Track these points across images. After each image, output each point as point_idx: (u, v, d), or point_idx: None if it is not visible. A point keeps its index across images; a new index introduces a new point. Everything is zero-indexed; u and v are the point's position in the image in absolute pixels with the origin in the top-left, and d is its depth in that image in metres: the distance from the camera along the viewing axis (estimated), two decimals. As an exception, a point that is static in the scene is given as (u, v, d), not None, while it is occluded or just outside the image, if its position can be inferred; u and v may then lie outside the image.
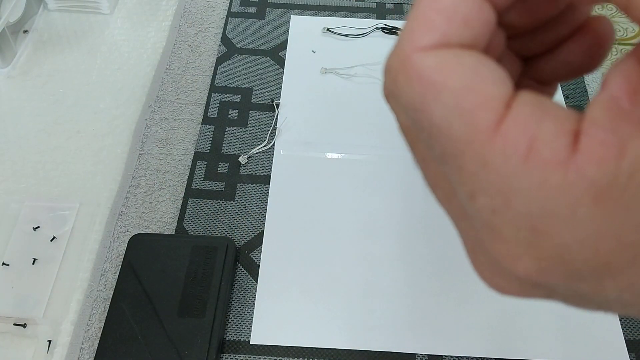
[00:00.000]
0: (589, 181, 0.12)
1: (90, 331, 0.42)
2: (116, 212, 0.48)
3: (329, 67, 0.57)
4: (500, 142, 0.13)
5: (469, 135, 0.13)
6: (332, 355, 0.41)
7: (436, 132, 0.14)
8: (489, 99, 0.13)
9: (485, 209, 0.13)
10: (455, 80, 0.13)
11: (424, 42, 0.14)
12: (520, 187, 0.13)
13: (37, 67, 0.56)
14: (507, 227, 0.13)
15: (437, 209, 0.39)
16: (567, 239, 0.12)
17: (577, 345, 0.41)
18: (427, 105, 0.14)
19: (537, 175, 0.12)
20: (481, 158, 0.13)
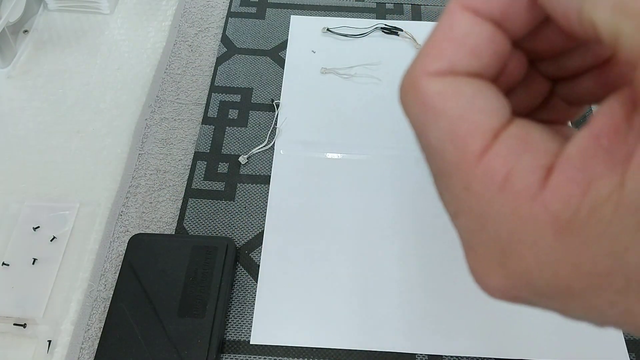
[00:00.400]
0: (551, 215, 0.13)
1: (90, 331, 0.42)
2: (116, 212, 0.48)
3: (329, 67, 0.57)
4: (482, 170, 0.14)
5: (458, 160, 0.14)
6: (332, 355, 0.41)
7: (432, 152, 0.15)
8: (479, 129, 0.14)
9: (464, 228, 0.15)
10: (453, 108, 0.15)
11: (432, 68, 0.15)
12: (493, 213, 0.14)
13: (37, 67, 0.56)
14: (480, 247, 0.15)
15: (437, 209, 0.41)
16: (530, 262, 0.14)
17: (577, 345, 0.41)
18: (427, 127, 0.15)
19: (509, 204, 0.14)
20: (465, 182, 0.14)
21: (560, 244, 0.13)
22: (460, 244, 0.17)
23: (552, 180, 0.13)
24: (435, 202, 0.48)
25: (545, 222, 0.13)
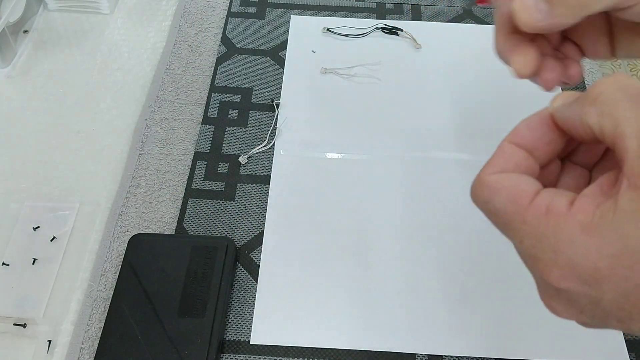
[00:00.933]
0: (579, 221, 0.22)
1: (90, 331, 0.42)
2: (116, 212, 0.48)
3: (329, 67, 0.57)
4: (532, 210, 0.23)
5: (515, 208, 0.24)
6: (332, 355, 0.41)
7: (499, 212, 0.24)
8: (525, 191, 0.24)
9: (528, 247, 0.23)
10: (506, 184, 0.24)
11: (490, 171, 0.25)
12: (544, 230, 0.23)
13: (37, 67, 0.56)
14: (541, 254, 0.23)
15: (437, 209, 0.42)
16: (572, 254, 0.22)
17: (577, 345, 0.41)
18: (492, 199, 0.25)
19: (552, 222, 0.22)
20: (523, 219, 0.23)
21: (586, 238, 0.21)
22: (524, 264, 0.25)
23: (575, 204, 0.22)
24: (435, 202, 0.49)
25: (577, 226, 0.22)
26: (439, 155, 0.51)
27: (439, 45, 0.59)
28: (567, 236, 0.22)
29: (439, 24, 0.62)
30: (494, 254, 0.46)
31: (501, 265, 0.45)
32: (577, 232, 0.21)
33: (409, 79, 0.57)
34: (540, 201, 0.23)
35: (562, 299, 0.24)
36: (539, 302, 0.43)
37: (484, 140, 0.52)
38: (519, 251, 0.25)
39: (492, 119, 0.54)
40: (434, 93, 0.56)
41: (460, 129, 0.53)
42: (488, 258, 0.46)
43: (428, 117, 0.54)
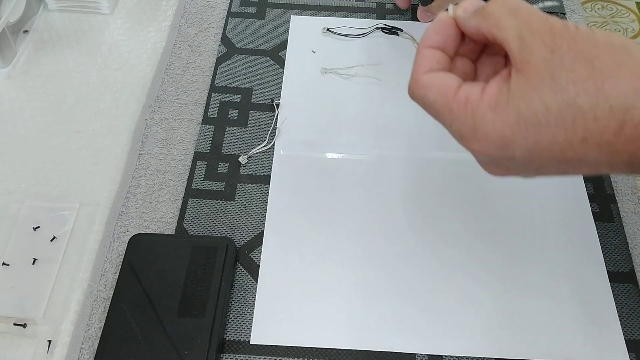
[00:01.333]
0: (486, 103, 0.29)
1: (90, 331, 0.42)
2: (116, 212, 0.48)
3: (329, 67, 0.57)
4: (456, 101, 0.30)
5: (444, 101, 0.31)
6: (332, 355, 0.41)
7: (432, 104, 0.32)
8: (451, 86, 0.31)
9: (456, 129, 0.31)
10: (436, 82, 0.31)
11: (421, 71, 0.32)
12: (465, 114, 0.30)
13: (37, 67, 0.56)
14: (465, 133, 0.30)
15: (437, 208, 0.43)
16: (485, 129, 0.29)
17: (577, 345, 0.41)
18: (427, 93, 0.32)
19: (470, 108, 0.30)
20: (450, 108, 0.30)
21: (493, 115, 0.29)
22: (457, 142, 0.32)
23: (484, 94, 0.29)
24: (435, 202, 0.49)
25: (487, 107, 0.29)
26: (439, 155, 0.51)
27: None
28: (481, 116, 0.29)
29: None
30: (494, 254, 0.46)
31: (501, 266, 0.45)
32: (487, 112, 0.29)
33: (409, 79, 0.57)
34: (461, 94, 0.30)
35: (492, 163, 0.31)
36: (539, 302, 0.43)
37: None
38: (450, 132, 0.32)
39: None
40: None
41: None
42: (488, 258, 0.46)
43: (428, 117, 0.54)
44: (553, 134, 0.27)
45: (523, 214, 0.48)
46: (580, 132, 0.27)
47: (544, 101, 0.27)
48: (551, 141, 0.27)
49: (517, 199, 0.49)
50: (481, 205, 0.48)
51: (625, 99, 0.26)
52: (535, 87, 0.27)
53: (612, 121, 0.26)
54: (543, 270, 0.45)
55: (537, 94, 0.27)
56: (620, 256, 0.46)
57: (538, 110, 0.27)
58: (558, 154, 0.28)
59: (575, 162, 0.28)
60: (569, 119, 0.27)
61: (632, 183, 0.51)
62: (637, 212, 0.49)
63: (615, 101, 0.26)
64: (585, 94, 0.26)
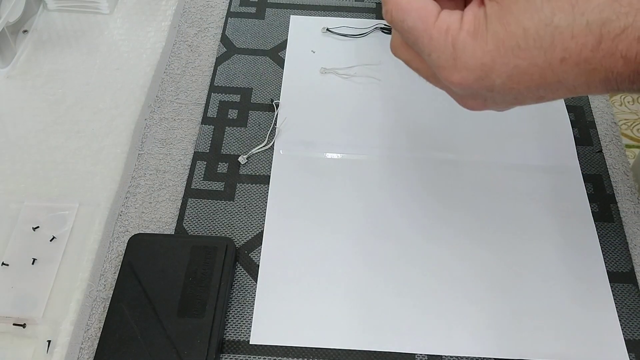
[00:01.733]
0: (466, 31, 0.28)
1: (90, 331, 0.42)
2: (116, 212, 0.47)
3: (329, 67, 0.57)
4: (436, 28, 0.29)
5: (424, 27, 0.29)
6: (332, 355, 0.41)
7: (411, 29, 0.30)
8: (430, 11, 0.29)
9: (435, 58, 0.29)
10: (415, 6, 0.30)
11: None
12: (445, 43, 0.29)
13: (36, 67, 0.56)
14: (445, 63, 0.29)
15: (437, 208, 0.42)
16: (465, 58, 0.28)
17: (577, 345, 0.41)
18: (406, 17, 0.30)
19: (450, 36, 0.29)
20: (430, 35, 0.29)
21: (472, 42, 0.28)
22: (435, 71, 0.30)
23: (463, 22, 0.29)
24: (435, 202, 0.49)
25: (466, 35, 0.28)
26: (439, 156, 0.51)
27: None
28: (461, 45, 0.28)
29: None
30: (494, 254, 0.46)
31: (501, 265, 0.45)
32: (467, 39, 0.28)
33: (409, 79, 0.57)
34: (441, 22, 0.29)
35: (467, 95, 0.31)
36: (539, 302, 0.43)
37: (485, 141, 0.52)
38: (429, 62, 0.31)
39: (492, 119, 0.54)
40: (434, 93, 0.56)
41: (461, 128, 0.53)
42: (488, 258, 0.46)
43: (428, 117, 0.54)
44: (532, 56, 0.27)
45: (523, 214, 0.48)
46: (558, 51, 0.27)
47: (521, 23, 0.27)
48: (531, 64, 0.27)
49: (517, 199, 0.49)
50: (481, 205, 0.48)
51: (601, 12, 0.26)
52: (510, 10, 0.27)
53: (590, 37, 0.26)
54: (543, 271, 0.45)
55: (513, 17, 0.27)
56: (620, 256, 0.46)
57: (516, 33, 0.27)
58: (537, 78, 0.28)
59: (554, 86, 0.28)
60: (547, 39, 0.26)
61: (632, 183, 0.51)
62: (637, 212, 0.49)
63: (591, 16, 0.26)
64: (560, 11, 0.26)
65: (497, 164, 0.51)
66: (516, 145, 0.52)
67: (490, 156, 0.51)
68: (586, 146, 0.53)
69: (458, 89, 0.30)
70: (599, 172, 0.51)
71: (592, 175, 0.51)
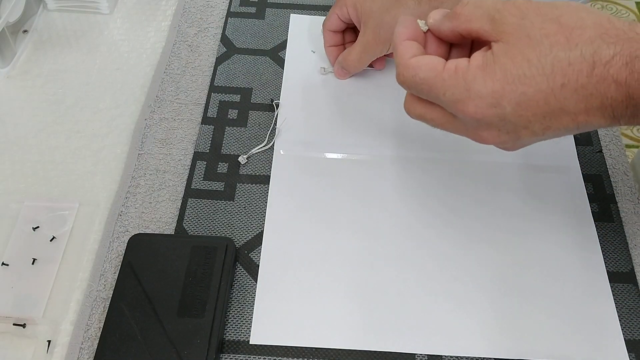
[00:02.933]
0: (475, 66, 0.33)
1: (90, 331, 0.42)
2: (116, 212, 0.47)
3: (329, 66, 0.57)
4: (446, 71, 0.33)
5: (435, 73, 0.34)
6: (332, 355, 0.41)
7: (424, 80, 0.34)
8: (438, 62, 0.34)
9: (449, 96, 0.33)
10: (424, 62, 0.35)
11: (407, 57, 0.36)
12: (457, 80, 0.33)
13: (36, 67, 0.56)
14: (459, 95, 0.33)
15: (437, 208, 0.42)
16: (477, 87, 0.32)
17: (577, 345, 0.41)
18: (416, 72, 0.35)
19: (460, 73, 0.33)
20: (442, 79, 0.33)
21: (483, 73, 0.32)
22: (456, 130, 0.36)
23: (472, 61, 0.33)
24: (435, 202, 0.49)
25: (476, 69, 0.32)
26: (439, 156, 0.51)
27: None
28: (472, 77, 0.32)
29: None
30: (494, 254, 0.46)
31: (501, 266, 0.45)
32: (477, 72, 0.32)
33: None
34: (449, 65, 0.34)
35: (482, 126, 0.34)
36: (538, 302, 0.43)
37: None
38: (444, 103, 0.34)
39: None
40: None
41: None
42: (488, 258, 0.46)
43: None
44: (536, 82, 0.31)
45: (523, 214, 0.48)
46: (559, 78, 0.31)
47: (525, 55, 0.31)
48: (536, 90, 0.31)
49: (517, 199, 0.49)
50: (481, 206, 0.48)
51: (592, 43, 0.30)
52: (515, 46, 0.32)
53: (584, 64, 0.30)
54: (543, 270, 0.45)
55: (518, 51, 0.31)
56: (620, 256, 0.46)
57: (521, 64, 0.31)
58: (543, 104, 0.31)
59: (557, 112, 0.32)
60: (548, 67, 0.31)
61: (632, 183, 0.51)
62: (637, 212, 0.49)
63: (584, 47, 0.30)
64: (557, 44, 0.31)
65: (498, 164, 0.51)
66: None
67: (490, 156, 0.51)
68: (586, 146, 0.53)
69: (473, 119, 0.33)
70: (599, 172, 0.51)
71: (592, 175, 0.51)
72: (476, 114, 0.33)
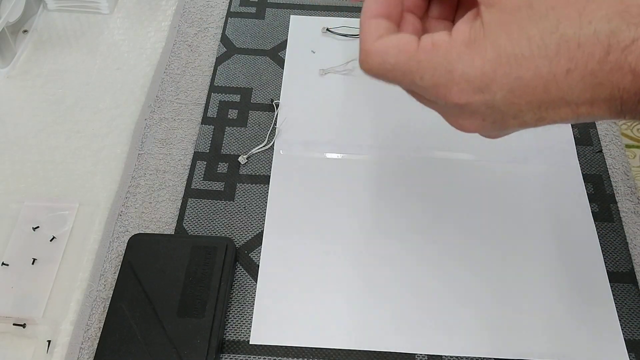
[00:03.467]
0: (459, 42, 0.26)
1: (90, 331, 0.42)
2: (116, 212, 0.47)
3: (329, 67, 0.57)
4: (421, 50, 0.27)
5: (407, 55, 0.27)
6: (332, 355, 0.41)
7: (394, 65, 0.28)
8: (409, 40, 0.27)
9: (428, 79, 0.27)
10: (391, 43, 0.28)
11: (371, 40, 0.28)
12: (436, 59, 0.26)
13: (36, 67, 0.56)
14: (439, 79, 0.27)
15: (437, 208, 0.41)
16: (462, 68, 0.26)
17: (577, 345, 0.41)
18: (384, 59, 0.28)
19: (440, 51, 0.26)
20: (417, 60, 0.27)
21: (469, 51, 0.26)
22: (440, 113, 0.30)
23: (453, 32, 0.27)
24: (435, 202, 0.49)
25: (461, 45, 0.26)
26: (439, 155, 0.51)
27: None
28: (455, 55, 0.26)
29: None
30: (494, 253, 0.46)
31: (501, 265, 0.45)
32: (462, 49, 0.26)
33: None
34: (424, 42, 0.27)
35: (465, 113, 0.28)
36: (538, 302, 0.43)
37: (484, 140, 0.52)
38: (422, 89, 0.28)
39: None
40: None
41: (460, 128, 0.53)
42: (488, 258, 0.46)
43: (428, 117, 0.54)
44: (536, 65, 0.25)
45: (523, 214, 0.48)
46: (564, 62, 0.25)
47: (524, 30, 0.25)
48: (535, 75, 0.25)
49: (517, 198, 0.49)
50: (481, 205, 0.48)
51: (609, 21, 0.24)
52: (513, 17, 0.25)
53: (597, 47, 0.24)
54: (543, 270, 0.45)
55: (516, 24, 0.25)
56: (620, 256, 0.46)
57: (519, 41, 0.25)
58: (540, 92, 0.26)
59: (557, 102, 0.26)
60: (553, 47, 0.25)
61: (632, 183, 0.51)
62: (637, 212, 0.49)
63: (599, 25, 0.24)
64: (566, 19, 0.24)
65: (498, 164, 0.51)
66: (516, 145, 0.52)
67: (490, 156, 0.51)
68: (586, 146, 0.53)
69: (455, 106, 0.27)
70: (599, 172, 0.51)
71: (592, 175, 0.51)
72: (460, 100, 0.27)
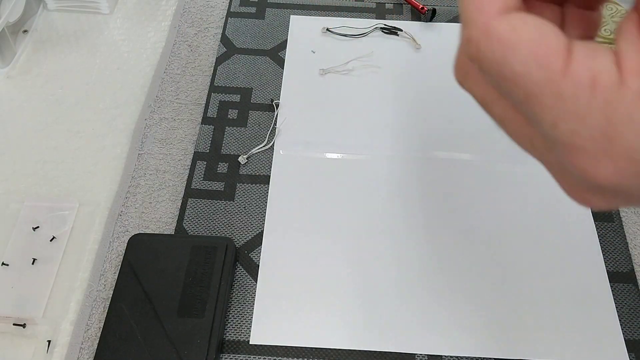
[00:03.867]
0: (634, 91, 0.16)
1: (90, 331, 0.42)
2: (116, 212, 0.47)
3: (329, 67, 0.57)
4: (571, 79, 0.17)
5: (546, 76, 0.17)
6: (332, 355, 0.41)
7: (518, 79, 0.18)
8: (555, 48, 0.17)
9: (566, 132, 0.17)
10: (525, 37, 0.17)
11: (495, 11, 0.18)
12: (590, 109, 0.17)
13: (36, 67, 0.56)
14: (586, 142, 0.17)
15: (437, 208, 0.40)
16: (632, 140, 0.16)
17: (577, 345, 0.41)
18: (509, 59, 0.18)
19: (602, 97, 0.16)
20: (557, 93, 0.17)
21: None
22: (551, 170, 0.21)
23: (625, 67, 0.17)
24: (435, 202, 0.49)
25: (634, 99, 0.16)
26: (439, 155, 0.51)
27: (439, 45, 0.59)
28: (626, 115, 0.16)
29: (439, 24, 0.62)
30: (493, 254, 0.46)
31: (501, 266, 0.45)
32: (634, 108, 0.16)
33: (409, 79, 0.57)
34: (579, 67, 0.17)
35: (605, 192, 0.18)
36: (538, 302, 0.43)
37: (485, 140, 0.52)
38: (548, 136, 0.18)
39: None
40: (434, 93, 0.56)
41: (461, 128, 0.53)
42: (488, 258, 0.46)
43: (428, 117, 0.54)
44: None
45: (523, 214, 0.48)
46: None
47: None
48: None
49: (517, 199, 0.49)
50: (481, 206, 0.48)
51: None
52: None
53: None
54: (543, 271, 0.45)
55: None
56: (620, 256, 0.46)
57: None
58: None
59: None
60: None
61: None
62: (637, 212, 0.49)
63: None
64: None
65: (498, 164, 0.51)
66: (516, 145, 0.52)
67: (490, 156, 0.51)
68: (586, 146, 0.53)
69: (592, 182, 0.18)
70: (599, 172, 0.51)
71: None
72: (607, 180, 0.18)
